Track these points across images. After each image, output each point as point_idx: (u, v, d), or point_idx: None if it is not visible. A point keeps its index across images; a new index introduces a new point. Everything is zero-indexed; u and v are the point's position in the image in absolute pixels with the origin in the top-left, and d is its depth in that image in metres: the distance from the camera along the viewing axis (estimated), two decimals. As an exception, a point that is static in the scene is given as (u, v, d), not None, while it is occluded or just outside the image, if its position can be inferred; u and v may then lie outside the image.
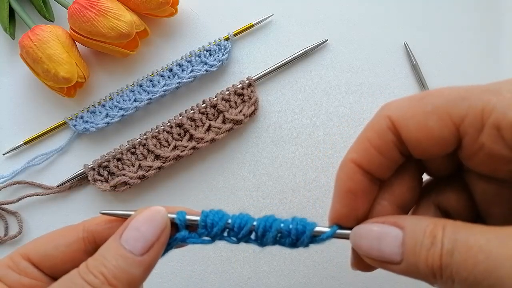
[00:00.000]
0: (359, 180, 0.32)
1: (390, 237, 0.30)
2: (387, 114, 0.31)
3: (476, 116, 0.28)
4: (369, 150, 0.32)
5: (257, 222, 0.33)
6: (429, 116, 0.29)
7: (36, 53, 0.53)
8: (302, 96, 0.59)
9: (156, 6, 0.55)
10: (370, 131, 0.32)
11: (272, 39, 0.60)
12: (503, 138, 0.27)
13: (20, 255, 0.34)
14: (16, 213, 0.56)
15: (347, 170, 0.33)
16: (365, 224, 0.32)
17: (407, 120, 0.30)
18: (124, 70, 0.60)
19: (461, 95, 0.29)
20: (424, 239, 0.28)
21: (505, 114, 0.27)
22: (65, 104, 0.59)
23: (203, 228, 0.34)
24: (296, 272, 0.55)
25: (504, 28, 0.59)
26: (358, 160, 0.32)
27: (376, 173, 0.33)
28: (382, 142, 0.31)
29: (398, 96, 0.59)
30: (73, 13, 0.53)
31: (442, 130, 0.29)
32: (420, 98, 0.30)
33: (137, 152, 0.56)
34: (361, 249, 0.31)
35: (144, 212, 0.33)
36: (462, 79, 0.59)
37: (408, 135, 0.30)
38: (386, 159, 0.32)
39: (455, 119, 0.29)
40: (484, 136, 0.28)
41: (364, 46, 0.60)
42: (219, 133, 0.56)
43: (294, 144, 0.58)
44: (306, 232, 0.33)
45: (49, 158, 0.58)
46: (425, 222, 0.29)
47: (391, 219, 0.31)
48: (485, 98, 0.28)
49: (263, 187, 0.57)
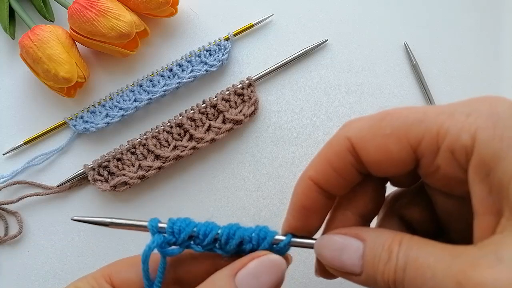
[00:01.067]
0: (314, 197, 0.33)
1: (352, 249, 0.30)
2: (346, 135, 0.31)
3: (432, 139, 0.28)
4: (327, 170, 0.32)
5: (221, 230, 0.34)
6: (388, 138, 0.30)
7: (36, 53, 0.53)
8: (302, 96, 0.59)
9: (156, 6, 0.55)
10: (329, 152, 0.32)
11: (272, 39, 0.60)
12: (457, 161, 0.28)
13: (103, 276, 0.34)
14: (16, 213, 0.56)
15: (304, 187, 0.33)
16: (328, 235, 0.32)
17: (367, 142, 0.30)
18: (124, 70, 0.60)
19: (418, 118, 0.29)
20: (382, 252, 0.29)
21: (458, 137, 0.27)
22: (65, 104, 0.59)
23: (171, 234, 0.34)
24: (297, 272, 0.55)
25: (504, 28, 0.59)
26: (316, 178, 0.33)
27: (333, 191, 0.33)
28: (340, 163, 0.32)
29: (398, 96, 0.60)
30: (73, 13, 0.53)
31: (400, 152, 0.29)
32: (380, 119, 0.30)
33: (137, 152, 0.56)
34: (324, 259, 0.32)
35: (266, 258, 0.32)
36: (462, 79, 0.59)
37: (368, 157, 0.31)
38: (344, 179, 0.32)
39: (412, 142, 0.29)
40: (439, 158, 0.28)
41: (364, 46, 0.60)
42: (219, 133, 0.56)
43: (294, 144, 0.58)
44: (267, 238, 0.33)
45: (49, 158, 0.58)
46: (385, 235, 0.30)
47: (353, 230, 0.31)
48: (439, 121, 0.28)
49: (263, 187, 0.57)
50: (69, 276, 0.56)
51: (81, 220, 0.35)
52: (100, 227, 0.36)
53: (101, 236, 0.57)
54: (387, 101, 0.58)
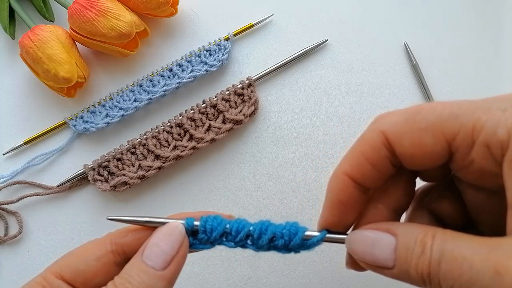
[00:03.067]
0: (350, 192, 0.34)
1: (384, 243, 0.31)
2: (381, 129, 0.32)
3: (467, 133, 0.29)
4: (362, 164, 0.33)
5: (253, 227, 0.35)
6: (423, 133, 0.30)
7: (36, 53, 0.53)
8: (302, 96, 0.59)
9: (156, 6, 0.55)
10: (364, 145, 0.33)
11: (272, 39, 0.60)
12: (492, 155, 0.28)
13: (52, 273, 0.34)
14: (16, 213, 0.56)
15: (339, 182, 0.34)
16: (360, 230, 0.33)
17: (402, 136, 0.31)
18: (124, 70, 0.60)
19: (454, 112, 0.29)
20: (415, 246, 0.29)
21: (494, 132, 0.28)
22: (65, 104, 0.59)
23: (203, 233, 0.35)
24: (297, 272, 0.55)
25: (504, 28, 0.59)
26: (351, 173, 0.33)
27: (367, 184, 0.34)
28: (376, 156, 0.32)
29: (398, 96, 0.59)
30: (73, 13, 0.53)
31: (435, 146, 0.30)
32: (415, 113, 0.31)
33: (137, 152, 0.56)
34: (355, 254, 0.33)
35: (163, 228, 0.35)
36: (462, 79, 0.59)
37: (403, 150, 0.31)
38: (379, 172, 0.33)
39: (448, 136, 0.30)
40: (474, 153, 0.29)
41: (364, 46, 0.60)
42: (219, 133, 0.56)
43: (294, 144, 0.58)
44: (298, 233, 0.34)
45: (49, 158, 0.58)
46: (417, 230, 0.30)
47: (385, 225, 0.32)
48: (475, 116, 0.29)
49: (263, 187, 0.57)
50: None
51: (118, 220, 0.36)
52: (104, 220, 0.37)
53: (101, 236, 0.56)
54: (387, 101, 0.58)
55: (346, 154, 0.34)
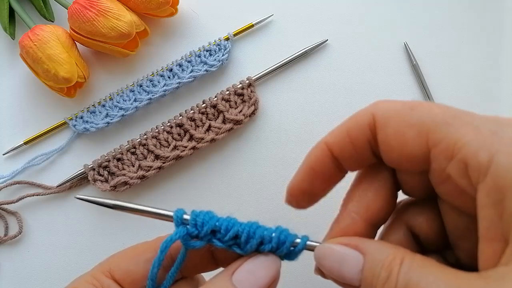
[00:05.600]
0: (325, 162, 0.33)
1: (351, 261, 0.30)
2: (372, 111, 0.32)
3: (449, 145, 0.28)
4: (344, 139, 0.33)
5: (241, 227, 0.33)
6: (409, 128, 0.29)
7: (36, 53, 0.53)
8: (302, 96, 0.59)
9: (156, 6, 0.55)
10: (350, 122, 0.33)
11: (272, 39, 0.60)
12: (468, 175, 0.27)
13: (102, 272, 0.34)
14: (16, 213, 0.56)
15: (317, 150, 0.34)
16: (329, 244, 0.32)
17: (388, 123, 0.30)
18: (124, 70, 0.60)
19: (446, 120, 0.28)
20: (381, 271, 0.28)
21: (475, 152, 0.26)
22: (65, 104, 0.59)
23: (193, 226, 0.33)
24: (297, 272, 0.55)
25: (504, 28, 0.59)
26: (331, 145, 0.33)
27: (343, 162, 0.33)
28: (358, 135, 0.32)
29: (398, 96, 0.59)
30: (73, 13, 0.53)
31: (415, 146, 0.29)
32: (411, 107, 0.30)
33: (137, 152, 0.56)
34: (323, 268, 0.32)
35: (261, 257, 0.33)
36: (462, 79, 0.59)
37: (383, 138, 0.31)
38: (357, 153, 0.33)
39: (431, 141, 0.29)
40: (451, 167, 0.28)
41: (364, 46, 0.60)
42: (219, 133, 0.56)
43: (294, 144, 0.58)
44: (286, 243, 0.33)
45: (49, 158, 0.58)
46: (386, 251, 0.29)
47: (354, 241, 0.31)
48: (462, 131, 0.27)
49: (263, 187, 0.57)
50: (69, 276, 0.56)
51: (85, 199, 0.35)
52: (104, 220, 0.36)
53: (101, 236, 0.57)
54: (387, 101, 0.58)
55: (334, 128, 0.34)
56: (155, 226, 0.42)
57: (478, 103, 0.58)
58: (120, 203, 0.35)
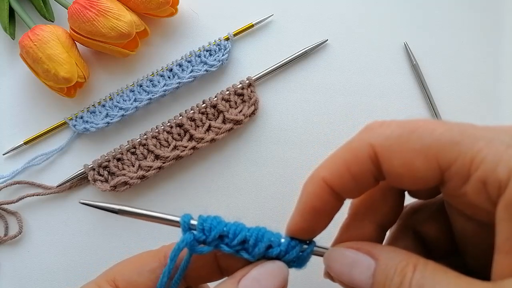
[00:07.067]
0: (326, 199, 0.31)
1: (362, 266, 0.30)
2: (371, 141, 0.29)
3: (464, 165, 0.26)
4: (343, 174, 0.30)
5: (249, 232, 0.33)
6: (416, 155, 0.28)
7: (36, 53, 0.53)
8: (302, 96, 0.59)
9: (156, 6, 0.55)
10: (349, 154, 0.30)
11: (272, 39, 0.60)
12: (487, 193, 0.26)
13: (106, 281, 0.33)
14: (16, 213, 0.56)
15: (316, 187, 0.31)
16: (340, 248, 0.32)
17: (392, 154, 0.28)
18: (124, 70, 0.60)
19: (454, 139, 0.27)
20: (394, 276, 0.28)
21: (493, 169, 0.25)
22: (65, 104, 0.59)
23: (201, 231, 0.33)
24: (297, 272, 0.55)
25: (504, 28, 0.59)
26: (330, 180, 0.31)
27: (345, 195, 0.32)
28: (359, 169, 0.30)
29: (398, 96, 0.59)
30: (73, 13, 0.53)
31: (427, 171, 0.28)
32: (410, 131, 0.28)
33: (137, 152, 0.56)
34: (333, 271, 0.31)
35: (268, 264, 0.32)
36: (462, 79, 0.59)
37: (390, 169, 0.29)
38: (359, 185, 0.31)
39: (442, 164, 0.27)
40: (468, 186, 0.27)
41: (364, 46, 0.60)
42: (219, 133, 0.56)
43: (294, 144, 0.58)
44: (296, 247, 0.33)
45: (49, 158, 0.58)
46: (399, 257, 0.29)
47: (366, 246, 0.31)
48: (476, 147, 0.26)
49: (263, 187, 0.57)
50: (69, 276, 0.56)
51: (90, 204, 0.34)
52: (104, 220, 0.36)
53: (101, 235, 0.57)
54: (387, 101, 0.58)
55: (328, 159, 0.31)
56: (156, 226, 0.42)
57: (478, 103, 0.58)
58: (126, 208, 0.34)
